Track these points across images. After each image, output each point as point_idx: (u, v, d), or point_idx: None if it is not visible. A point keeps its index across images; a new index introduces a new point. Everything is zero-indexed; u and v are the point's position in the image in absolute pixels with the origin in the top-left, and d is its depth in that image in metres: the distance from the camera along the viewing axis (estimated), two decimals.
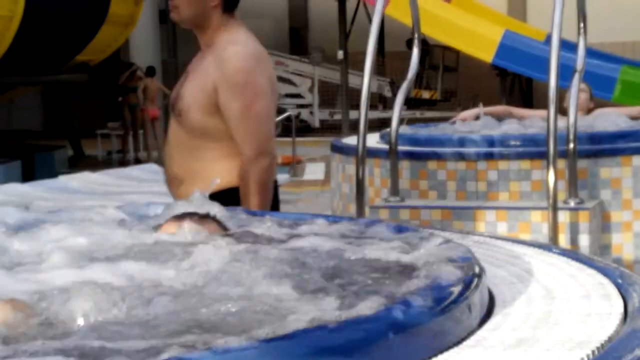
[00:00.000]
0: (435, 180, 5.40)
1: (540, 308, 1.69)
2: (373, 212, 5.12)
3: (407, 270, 1.80)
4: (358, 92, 5.44)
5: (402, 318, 1.42)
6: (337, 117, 23.09)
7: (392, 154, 5.26)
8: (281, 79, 24.60)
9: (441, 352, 1.44)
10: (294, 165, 15.58)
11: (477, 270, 1.76)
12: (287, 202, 12.42)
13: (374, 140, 6.07)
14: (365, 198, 5.40)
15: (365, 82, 4.94)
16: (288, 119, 17.71)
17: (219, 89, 3.35)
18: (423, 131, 6.34)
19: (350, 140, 6.20)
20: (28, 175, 14.19)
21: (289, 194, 13.03)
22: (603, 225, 5.11)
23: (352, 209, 5.43)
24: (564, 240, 4.71)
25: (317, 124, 23.89)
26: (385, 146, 5.50)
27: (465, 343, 1.50)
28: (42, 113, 26.07)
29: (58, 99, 19.09)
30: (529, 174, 5.22)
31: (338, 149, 6.09)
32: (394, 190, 5.27)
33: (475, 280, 1.70)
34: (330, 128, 23.05)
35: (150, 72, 18.89)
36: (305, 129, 22.74)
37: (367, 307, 1.51)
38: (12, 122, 24.13)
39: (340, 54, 21.68)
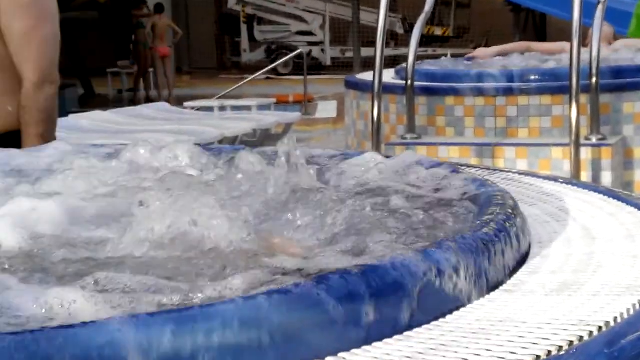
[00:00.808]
0: (453, 117, 5.27)
1: (580, 249, 1.57)
2: (389, 149, 5.00)
3: (436, 208, 1.68)
4: (370, 29, 5.30)
5: (438, 260, 1.30)
6: (349, 54, 22.87)
7: (408, 90, 5.12)
8: (292, 16, 24.37)
9: (477, 296, 1.33)
10: (305, 103, 15.45)
11: (512, 206, 1.65)
12: (300, 141, 12.30)
13: (388, 76, 5.93)
14: (381, 135, 5.28)
15: (382, 14, 4.78)
16: (299, 56, 17.54)
17: (1, 7, 3.06)
18: (439, 66, 6.19)
19: (365, 76, 6.06)
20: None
21: (302, 132, 12.92)
22: (625, 161, 4.98)
23: (367, 146, 5.31)
24: (585, 178, 4.59)
25: (328, 62, 23.70)
26: (401, 82, 5.36)
27: (502, 287, 1.38)
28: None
29: (69, 37, 18.90)
30: (549, 109, 5.08)
31: (352, 85, 5.95)
32: (411, 127, 5.14)
33: (513, 218, 1.58)
34: (341, 66, 22.86)
35: (158, 9, 18.66)
36: (316, 67, 22.56)
37: (395, 249, 1.40)
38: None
39: None
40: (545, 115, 5.08)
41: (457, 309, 1.29)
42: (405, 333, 1.17)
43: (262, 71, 17.05)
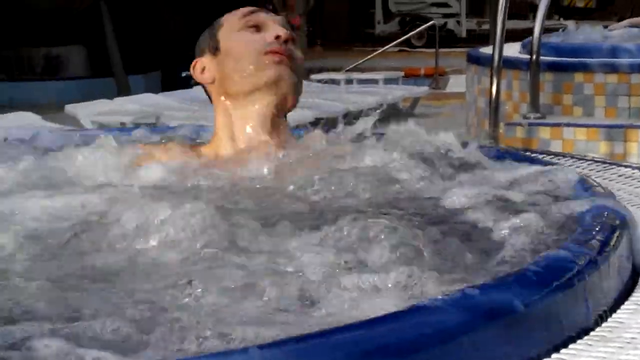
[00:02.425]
0: (582, 95, 4.82)
1: None
2: (509, 129, 4.61)
3: (515, 228, 1.34)
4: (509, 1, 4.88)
5: (513, 298, 0.97)
6: (485, 27, 22.17)
7: (533, 65, 4.70)
8: None
9: (563, 345, 0.99)
10: (436, 76, 14.98)
11: (619, 224, 1.29)
12: (427, 116, 11.90)
13: (515, 50, 5.51)
14: (502, 114, 4.88)
15: None
16: (432, 28, 17.05)
17: None
18: (569, 39, 5.72)
19: (489, 50, 5.63)
20: (169, 86, 14.09)
21: (429, 107, 12.49)
22: None
23: (487, 125, 4.91)
24: None
25: (463, 34, 23.08)
26: (526, 56, 4.93)
27: (597, 330, 1.04)
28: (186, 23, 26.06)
29: (203, 9, 18.90)
30: None
31: (474, 59, 5.55)
32: (534, 106, 4.72)
33: (616, 238, 1.22)
34: (478, 38, 22.18)
35: None
36: (451, 39, 21.98)
37: (459, 282, 1.07)
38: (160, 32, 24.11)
39: None
40: None
41: None
42: None
43: (393, 43, 16.64)
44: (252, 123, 1.94)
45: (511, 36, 8.54)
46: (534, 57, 4.68)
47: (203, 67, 1.99)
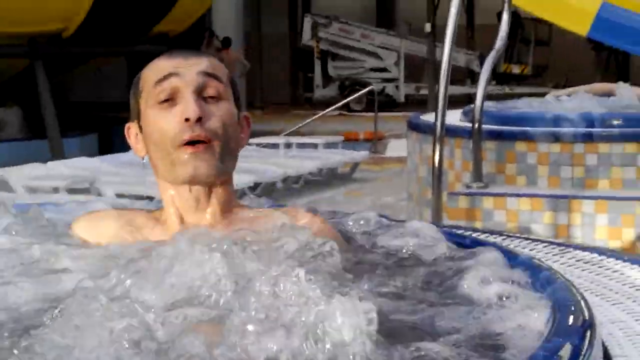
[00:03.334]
0: (525, 164, 4.75)
1: None
2: (452, 199, 4.50)
3: (471, 327, 1.20)
4: None
5: None
6: (424, 92, 22.35)
7: (475, 133, 4.63)
8: (367, 52, 23.96)
9: None
10: (375, 141, 14.97)
11: (586, 318, 1.16)
12: (365, 181, 11.82)
13: (455, 117, 5.44)
14: (444, 183, 4.77)
15: (446, 51, 4.29)
16: (371, 93, 17.10)
17: None
18: (510, 107, 5.67)
19: (430, 116, 5.56)
20: (106, 149, 13.88)
21: (368, 171, 12.43)
22: None
23: (429, 194, 4.81)
24: None
25: (402, 99, 23.21)
26: (468, 124, 4.86)
27: None
28: (127, 85, 25.83)
29: (139, 70, 18.75)
30: (634, 158, 4.53)
31: (414, 126, 5.46)
32: (477, 175, 4.64)
33: (586, 336, 1.09)
34: (416, 103, 22.34)
35: (225, 43, 18.40)
36: (390, 104, 22.10)
37: None
38: (100, 93, 23.86)
39: (427, 27, 20.89)
40: (629, 165, 4.53)
41: None
42: None
43: (332, 107, 16.65)
44: (186, 204, 1.87)
45: (449, 101, 8.56)
46: (476, 125, 4.61)
47: (135, 133, 1.92)
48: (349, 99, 18.18)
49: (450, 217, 4.44)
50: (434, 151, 4.25)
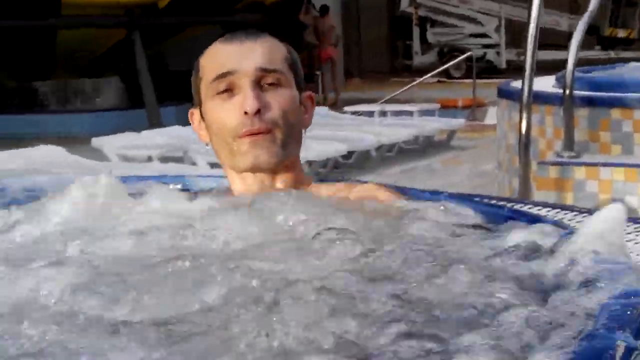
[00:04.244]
0: (620, 132, 4.52)
1: None
2: (541, 169, 4.30)
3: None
4: (549, 31, 4.63)
5: None
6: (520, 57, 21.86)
7: (566, 100, 4.41)
8: (466, 18, 23.55)
9: None
10: (474, 108, 14.67)
11: None
12: (463, 149, 11.59)
13: (549, 84, 5.21)
14: (534, 151, 4.58)
15: (534, 13, 4.10)
16: (470, 59, 16.78)
17: None
18: (607, 73, 5.41)
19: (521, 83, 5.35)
20: None
21: (466, 139, 12.18)
22: None
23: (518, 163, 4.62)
24: None
25: (503, 65, 22.77)
26: (560, 91, 4.63)
27: None
28: None
29: None
30: None
31: (504, 93, 5.26)
32: (569, 144, 4.42)
33: None
34: (518, 69, 21.85)
35: (323, 11, 18.28)
36: (491, 70, 21.70)
37: None
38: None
39: None
40: None
41: None
42: None
43: (430, 74, 16.40)
44: (251, 189, 1.85)
45: (551, 67, 8.25)
46: (568, 91, 4.39)
47: (198, 120, 1.90)
48: (446, 65, 17.89)
49: (539, 187, 4.25)
50: (520, 118, 4.07)
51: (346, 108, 13.30)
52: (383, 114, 12.49)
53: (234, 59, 1.81)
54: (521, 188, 4.00)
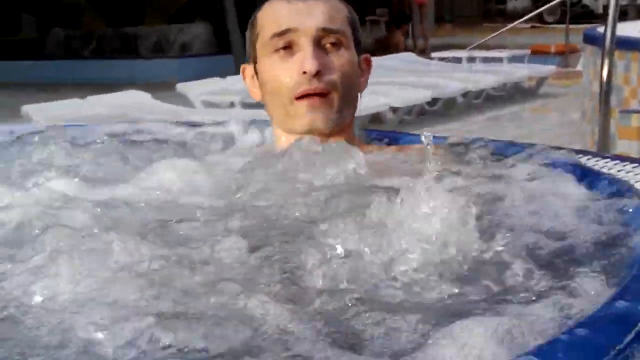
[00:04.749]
0: None
1: None
2: (624, 117, 4.13)
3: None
4: None
5: None
6: (624, 2, 21.17)
7: None
8: None
9: None
10: (566, 54, 14.28)
11: None
12: (553, 96, 11.31)
13: (636, 29, 4.99)
14: (618, 100, 4.41)
15: None
16: (564, 3, 16.32)
17: None
18: None
19: None
20: None
21: (557, 86, 11.88)
22: None
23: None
24: None
25: (600, 10, 22.13)
26: None
27: None
28: None
29: None
30: None
31: (591, 38, 5.06)
32: None
33: None
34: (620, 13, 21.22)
35: None
36: (588, 15, 21.12)
37: None
38: None
39: None
40: None
41: None
42: None
43: (522, 19, 16.00)
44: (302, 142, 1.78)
45: None
46: None
47: (251, 76, 1.85)
48: (539, 9, 17.43)
49: (621, 135, 4.08)
50: (602, 65, 3.90)
51: (434, 54, 13.09)
52: (472, 60, 12.26)
53: (295, 16, 1.74)
54: (600, 137, 3.85)
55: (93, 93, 8.94)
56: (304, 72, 1.71)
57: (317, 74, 1.71)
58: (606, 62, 3.86)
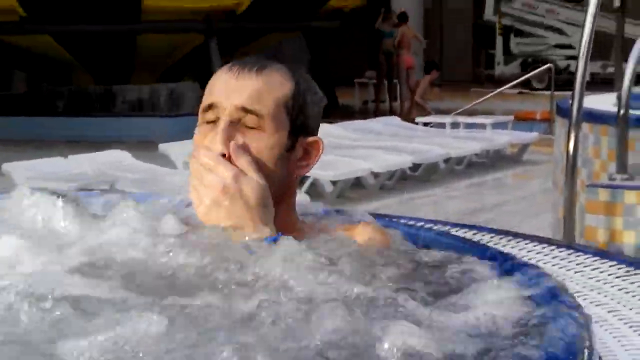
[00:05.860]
0: None
1: None
2: (591, 191, 4.11)
3: None
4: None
5: None
6: (610, 70, 21.35)
7: (620, 120, 4.21)
8: (551, 28, 23.12)
9: None
10: (552, 122, 14.34)
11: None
12: (535, 163, 11.32)
13: (610, 102, 5.01)
14: (588, 173, 4.40)
15: (588, 23, 3.93)
16: (557, 71, 16.47)
17: None
18: None
19: (586, 100, 5.14)
20: None
21: (540, 153, 11.90)
22: None
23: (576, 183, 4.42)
24: None
25: (587, 78, 22.28)
26: (615, 109, 4.44)
27: None
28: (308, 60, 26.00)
29: (318, 46, 18.72)
30: None
31: (562, 110, 5.06)
32: (622, 166, 4.23)
33: None
34: (602, 82, 21.38)
35: (401, 18, 18.10)
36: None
37: None
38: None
39: (617, 1, 19.91)
40: None
41: None
42: None
43: (509, 85, 16.11)
44: None
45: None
46: (622, 110, 4.20)
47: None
48: (525, 76, 17.56)
49: (588, 210, 4.05)
50: (568, 138, 3.90)
51: (418, 119, 13.15)
52: (455, 125, 12.30)
53: (223, 91, 1.65)
54: (566, 211, 3.83)
55: (80, 150, 8.93)
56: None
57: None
58: (572, 134, 3.86)
